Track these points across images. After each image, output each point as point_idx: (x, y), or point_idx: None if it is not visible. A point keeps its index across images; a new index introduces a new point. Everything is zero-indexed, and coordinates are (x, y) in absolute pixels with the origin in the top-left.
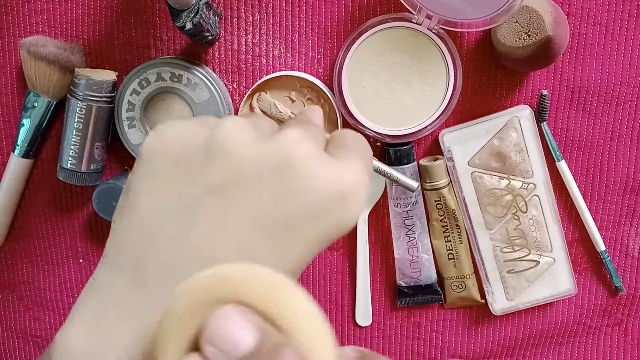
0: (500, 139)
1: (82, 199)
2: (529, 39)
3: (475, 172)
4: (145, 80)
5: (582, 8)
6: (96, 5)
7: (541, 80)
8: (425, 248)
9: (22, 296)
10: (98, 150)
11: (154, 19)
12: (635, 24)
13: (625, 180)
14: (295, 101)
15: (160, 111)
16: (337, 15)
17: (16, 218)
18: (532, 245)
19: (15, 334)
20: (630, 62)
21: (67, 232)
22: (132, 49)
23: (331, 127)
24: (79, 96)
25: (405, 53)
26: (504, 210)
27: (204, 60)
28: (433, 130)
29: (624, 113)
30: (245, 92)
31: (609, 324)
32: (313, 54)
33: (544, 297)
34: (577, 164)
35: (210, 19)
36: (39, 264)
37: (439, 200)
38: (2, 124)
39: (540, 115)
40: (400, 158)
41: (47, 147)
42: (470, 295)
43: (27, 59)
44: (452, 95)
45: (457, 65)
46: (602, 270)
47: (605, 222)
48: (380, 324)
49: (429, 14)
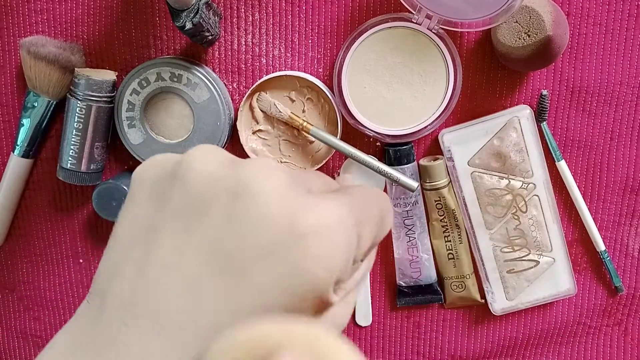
0: (500, 138)
1: (82, 199)
2: (529, 39)
3: (475, 172)
4: (145, 80)
5: (582, 8)
6: (96, 5)
7: (541, 80)
8: (425, 248)
9: (22, 296)
10: (98, 150)
11: (154, 18)
12: (635, 24)
13: (625, 180)
14: (295, 101)
15: (160, 111)
16: (337, 15)
17: (16, 218)
18: (532, 245)
19: (15, 334)
20: (630, 62)
21: (67, 232)
22: (132, 49)
23: (331, 127)
24: (78, 96)
25: (405, 53)
26: (504, 210)
27: (204, 60)
28: (433, 130)
29: (624, 113)
30: (245, 92)
31: (608, 324)
32: (313, 54)
33: (543, 297)
34: (577, 164)
35: (210, 18)
36: (39, 264)
37: (438, 200)
38: (2, 124)
39: (540, 115)
40: (400, 158)
41: (47, 147)
42: (470, 295)
43: (26, 58)
44: (452, 95)
45: (457, 65)
46: (602, 270)
47: (605, 222)
48: (380, 324)
49: (429, 14)
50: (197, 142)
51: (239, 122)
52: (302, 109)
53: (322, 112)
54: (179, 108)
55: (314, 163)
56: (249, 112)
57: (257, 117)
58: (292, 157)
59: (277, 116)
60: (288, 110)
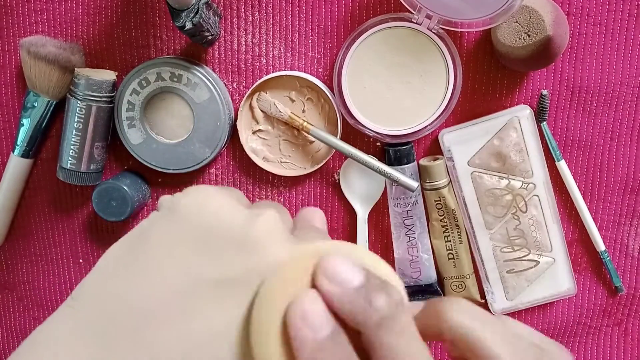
0: (500, 138)
1: (82, 199)
2: (529, 39)
3: (475, 172)
4: (145, 80)
5: (582, 8)
6: (96, 5)
7: (541, 80)
8: (425, 248)
9: (22, 296)
10: (98, 150)
11: (154, 18)
12: (635, 24)
13: (625, 180)
14: (295, 101)
15: (160, 111)
16: (337, 15)
17: (16, 218)
18: (532, 245)
19: (15, 333)
20: (630, 62)
21: (67, 232)
22: (132, 48)
23: (331, 127)
24: (78, 96)
25: (405, 53)
26: (504, 210)
27: (204, 60)
28: (433, 130)
29: (624, 113)
30: (245, 92)
31: (608, 324)
32: (313, 54)
33: (543, 297)
34: (577, 164)
35: (210, 18)
36: (38, 264)
37: (438, 200)
38: (2, 124)
39: (540, 115)
40: (400, 158)
41: (47, 147)
42: (470, 295)
43: (26, 58)
44: (452, 95)
45: (457, 65)
46: (602, 270)
47: (605, 222)
48: None
49: (428, 14)
50: (196, 142)
51: (239, 122)
52: (302, 109)
53: (322, 112)
54: (179, 108)
55: (314, 163)
56: (249, 112)
57: (257, 117)
58: (292, 157)
59: (277, 116)
60: (288, 110)
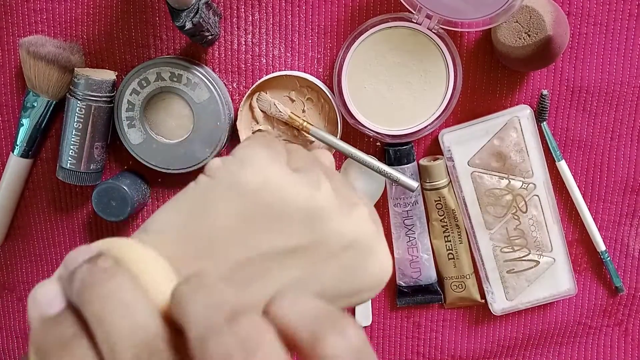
0: (500, 138)
1: (81, 199)
2: (529, 39)
3: (475, 172)
4: (145, 80)
5: (582, 8)
6: (96, 5)
7: (541, 80)
8: (425, 248)
9: (22, 296)
10: (98, 150)
11: (154, 18)
12: (635, 24)
13: (625, 180)
14: (295, 101)
15: (160, 111)
16: (337, 15)
17: (16, 218)
18: (532, 245)
19: (15, 334)
20: (631, 62)
21: (67, 232)
22: (132, 48)
23: (331, 127)
24: (78, 96)
25: (405, 53)
26: (504, 210)
27: (204, 60)
28: (433, 130)
29: (624, 113)
30: (245, 92)
31: (609, 324)
32: (313, 53)
33: (544, 297)
34: (577, 164)
35: (210, 18)
36: (38, 264)
37: (438, 200)
38: (2, 124)
39: (540, 115)
40: (400, 158)
41: (46, 147)
42: (470, 295)
43: (26, 58)
44: (452, 95)
45: (457, 65)
46: (602, 270)
47: (605, 222)
48: (380, 324)
49: (429, 14)
50: (196, 142)
51: (239, 122)
52: (302, 109)
53: (322, 112)
54: (178, 108)
55: None
56: (249, 112)
57: (257, 117)
58: None
59: (277, 116)
60: (288, 110)
